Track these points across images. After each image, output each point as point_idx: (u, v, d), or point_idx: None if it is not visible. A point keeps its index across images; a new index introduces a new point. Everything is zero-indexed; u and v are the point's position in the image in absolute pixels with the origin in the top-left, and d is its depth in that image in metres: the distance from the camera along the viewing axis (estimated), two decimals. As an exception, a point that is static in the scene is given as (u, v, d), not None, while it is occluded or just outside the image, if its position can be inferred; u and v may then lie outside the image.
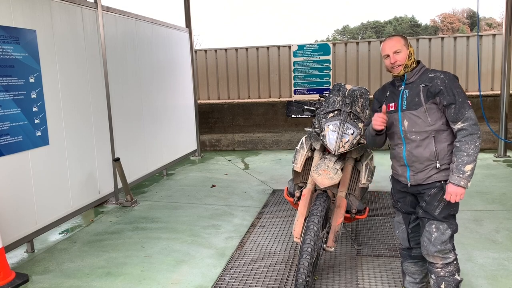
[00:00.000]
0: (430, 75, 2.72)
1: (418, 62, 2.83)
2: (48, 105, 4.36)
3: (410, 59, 2.76)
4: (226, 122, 9.48)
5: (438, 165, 2.68)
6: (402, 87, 2.79)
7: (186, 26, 8.27)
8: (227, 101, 9.71)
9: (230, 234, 4.55)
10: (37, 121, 4.19)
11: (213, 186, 6.49)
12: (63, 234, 4.75)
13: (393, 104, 2.83)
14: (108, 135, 5.45)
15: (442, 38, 9.14)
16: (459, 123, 2.59)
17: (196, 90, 8.56)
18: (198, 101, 9.12)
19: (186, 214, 5.23)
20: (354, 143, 3.31)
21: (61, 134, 4.58)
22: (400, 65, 2.75)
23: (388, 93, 2.90)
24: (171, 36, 7.43)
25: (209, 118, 9.50)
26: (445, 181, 2.68)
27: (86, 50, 5.05)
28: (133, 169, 6.02)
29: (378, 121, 2.75)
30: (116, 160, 5.41)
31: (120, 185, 5.62)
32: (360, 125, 3.38)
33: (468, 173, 2.56)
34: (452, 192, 2.59)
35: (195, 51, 9.50)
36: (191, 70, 8.34)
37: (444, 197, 2.65)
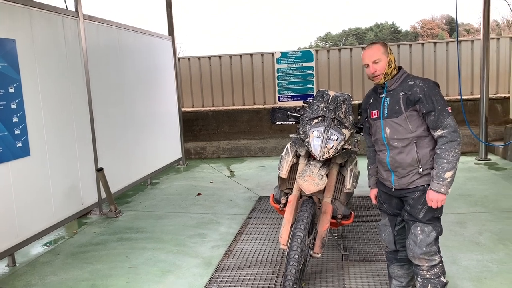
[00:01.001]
0: (410, 83, 2.74)
1: (399, 68, 2.86)
2: (28, 115, 4.28)
3: (390, 67, 2.78)
4: (211, 130, 9.45)
5: (420, 170, 2.72)
6: (384, 95, 2.83)
7: (169, 34, 8.25)
8: (212, 108, 9.69)
9: (216, 243, 4.51)
10: (17, 132, 4.12)
11: (199, 194, 6.45)
12: (45, 247, 4.65)
13: (375, 111, 2.87)
14: (91, 144, 5.39)
15: (423, 44, 9.30)
16: (439, 130, 2.63)
17: (180, 98, 8.53)
18: (182, 109, 9.08)
19: (171, 224, 5.18)
20: (338, 148, 3.34)
21: (43, 144, 4.50)
22: (379, 75, 2.77)
23: (371, 100, 2.94)
24: (154, 44, 7.40)
25: (194, 126, 9.46)
26: (428, 185, 2.71)
27: (68, 59, 4.99)
28: (117, 178, 5.95)
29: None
30: (99, 170, 5.33)
31: (103, 195, 5.54)
32: (344, 130, 3.41)
33: (448, 180, 2.60)
34: (433, 199, 2.64)
35: (179, 59, 9.48)
36: (175, 78, 8.31)
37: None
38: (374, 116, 2.87)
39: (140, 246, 4.51)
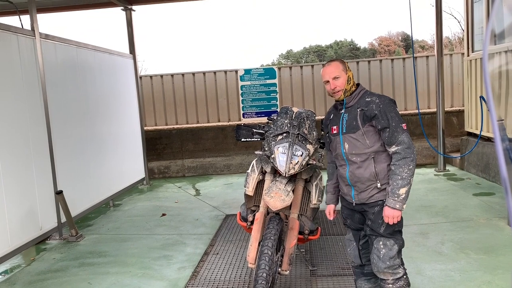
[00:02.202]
0: (367, 99, 2.81)
1: (358, 85, 2.93)
2: (-19, 138, 4.08)
3: (349, 83, 2.85)
4: (175, 148, 9.33)
5: (379, 185, 2.78)
6: (343, 111, 2.89)
7: (130, 53, 8.15)
8: (175, 126, 9.59)
9: (182, 264, 4.41)
10: (-31, 155, 3.91)
11: (163, 215, 6.31)
12: (0, 276, 4.39)
13: (335, 127, 2.93)
14: (50, 166, 5.18)
15: (381, 60, 9.60)
16: (394, 146, 2.68)
17: (142, 116, 8.39)
18: (145, 128, 8.94)
19: (135, 246, 5.03)
20: (303, 164, 3.36)
21: (-3, 168, 4.29)
22: (339, 90, 2.84)
23: (332, 116, 3.01)
24: (115, 63, 7.28)
25: (157, 145, 9.31)
26: None
27: (24, 79, 4.82)
28: (78, 201, 5.74)
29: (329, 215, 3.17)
30: (59, 193, 5.13)
31: (64, 219, 5.33)
32: (308, 146, 3.44)
33: (403, 196, 2.64)
34: (389, 215, 2.68)
35: (140, 77, 9.35)
36: (137, 96, 8.18)
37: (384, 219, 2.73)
38: (334, 132, 2.93)
39: (103, 270, 4.34)
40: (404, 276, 2.82)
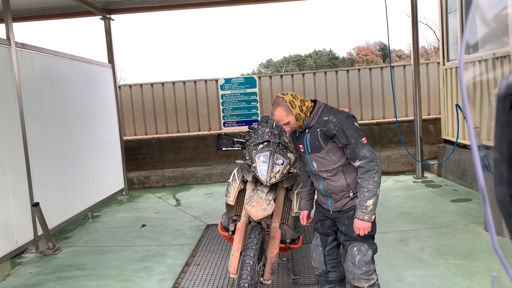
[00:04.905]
0: (324, 118, 2.82)
1: (315, 102, 2.94)
2: (-47, 149, 3.96)
3: (300, 119, 2.86)
4: (155, 158, 9.23)
5: (351, 194, 2.85)
6: (306, 131, 2.93)
7: (109, 62, 8.07)
8: (155, 136, 9.50)
9: (163, 276, 4.34)
10: None
11: (143, 226, 6.22)
12: (-27, 292, 4.26)
13: (301, 145, 2.97)
14: (26, 178, 5.06)
15: (359, 70, 9.75)
16: (357, 161, 2.72)
17: (121, 126, 8.30)
18: (124, 138, 8.83)
19: (115, 258, 4.93)
20: (284, 172, 3.36)
21: (-30, 180, 4.17)
22: (296, 128, 2.92)
23: (297, 134, 3.05)
24: (93, 72, 7.19)
25: (137, 155, 9.20)
26: None
27: (-2, 89, 4.71)
28: (55, 213, 5.61)
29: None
30: (35, 205, 5.01)
31: (40, 231, 5.20)
32: (289, 154, 3.45)
33: (371, 208, 2.69)
34: (359, 227, 2.73)
35: (119, 87, 9.25)
36: (116, 106, 8.09)
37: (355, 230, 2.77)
38: (302, 150, 2.98)
39: (81, 284, 4.25)
40: (377, 282, 2.87)
